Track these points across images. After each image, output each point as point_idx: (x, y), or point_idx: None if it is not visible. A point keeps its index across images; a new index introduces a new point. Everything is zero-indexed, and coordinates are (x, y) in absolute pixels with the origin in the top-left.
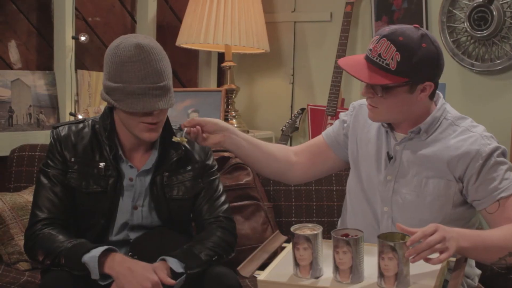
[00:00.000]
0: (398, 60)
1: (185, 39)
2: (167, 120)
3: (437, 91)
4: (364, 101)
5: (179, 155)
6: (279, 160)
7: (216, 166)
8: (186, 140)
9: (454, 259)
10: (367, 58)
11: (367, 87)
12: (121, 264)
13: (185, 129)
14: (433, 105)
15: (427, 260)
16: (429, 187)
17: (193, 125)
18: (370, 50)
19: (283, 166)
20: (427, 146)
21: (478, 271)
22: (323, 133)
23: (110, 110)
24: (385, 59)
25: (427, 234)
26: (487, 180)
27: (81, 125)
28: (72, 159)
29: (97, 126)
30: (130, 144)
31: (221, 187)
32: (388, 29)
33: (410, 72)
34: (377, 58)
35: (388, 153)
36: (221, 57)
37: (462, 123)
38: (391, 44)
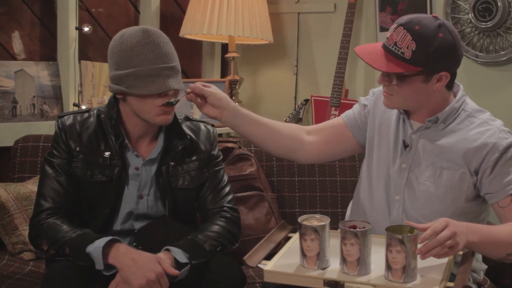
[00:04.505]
0: (414, 49)
1: (189, 30)
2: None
3: (457, 82)
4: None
5: (184, 143)
6: (287, 138)
7: (221, 157)
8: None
9: (461, 252)
10: (384, 46)
11: (382, 75)
12: (125, 255)
13: (188, 90)
14: (451, 96)
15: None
16: (443, 178)
17: (198, 94)
18: (387, 38)
19: (292, 144)
20: (443, 136)
21: (484, 266)
22: (342, 115)
23: (115, 99)
24: (400, 48)
25: (438, 231)
26: (501, 174)
27: (86, 115)
28: (77, 148)
29: (103, 115)
30: (137, 133)
31: (225, 178)
32: (406, 17)
33: (425, 61)
34: (392, 47)
35: (404, 141)
36: (224, 48)
37: (481, 116)
38: (407, 33)
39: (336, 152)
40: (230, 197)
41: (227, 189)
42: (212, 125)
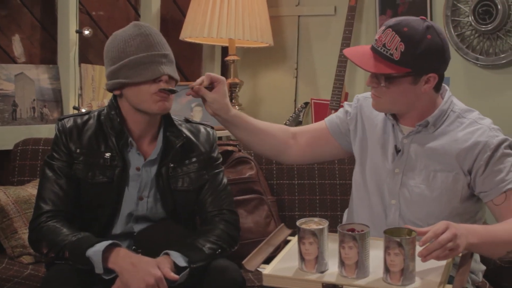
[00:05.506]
0: (402, 50)
1: (189, 33)
2: (169, 114)
3: (443, 84)
4: (369, 94)
5: (181, 141)
6: (274, 142)
7: (221, 159)
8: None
9: (460, 254)
10: (373, 48)
11: (371, 77)
12: (124, 259)
13: (191, 86)
14: (439, 98)
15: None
16: (437, 181)
17: (198, 96)
18: (376, 40)
19: (278, 147)
20: (435, 139)
21: (483, 267)
22: (326, 119)
23: (115, 100)
24: (389, 49)
25: (439, 234)
26: (494, 171)
27: (86, 117)
28: (78, 150)
29: (103, 117)
30: (137, 131)
31: (225, 181)
32: (394, 19)
33: (413, 62)
34: (381, 48)
35: (395, 146)
36: (224, 51)
37: (469, 115)
38: (396, 35)
39: (318, 155)
40: (229, 199)
41: (227, 191)
42: (212, 128)
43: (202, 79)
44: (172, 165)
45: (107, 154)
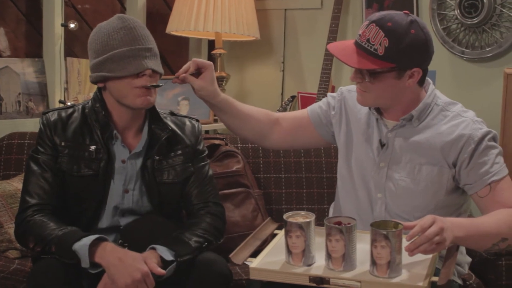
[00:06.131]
0: (386, 45)
1: (175, 27)
2: (154, 107)
3: (426, 78)
4: (352, 87)
5: (167, 134)
6: (260, 123)
7: (206, 152)
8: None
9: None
10: (356, 43)
11: (355, 72)
12: (111, 254)
13: (177, 77)
14: (423, 92)
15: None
16: (422, 174)
17: (185, 83)
18: (359, 35)
19: (262, 129)
20: (419, 133)
21: (469, 259)
22: (308, 108)
23: (100, 92)
24: (373, 44)
25: (425, 228)
26: (478, 164)
27: (70, 110)
28: (62, 144)
29: (87, 110)
30: (122, 123)
31: (210, 173)
32: (377, 14)
33: (398, 57)
34: (365, 43)
35: (380, 140)
36: (211, 44)
37: (453, 108)
38: (380, 30)
39: (298, 143)
40: (214, 192)
41: (212, 184)
42: (197, 120)
43: (189, 65)
44: (157, 157)
45: (92, 147)
